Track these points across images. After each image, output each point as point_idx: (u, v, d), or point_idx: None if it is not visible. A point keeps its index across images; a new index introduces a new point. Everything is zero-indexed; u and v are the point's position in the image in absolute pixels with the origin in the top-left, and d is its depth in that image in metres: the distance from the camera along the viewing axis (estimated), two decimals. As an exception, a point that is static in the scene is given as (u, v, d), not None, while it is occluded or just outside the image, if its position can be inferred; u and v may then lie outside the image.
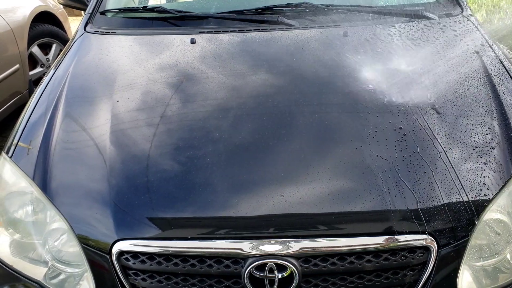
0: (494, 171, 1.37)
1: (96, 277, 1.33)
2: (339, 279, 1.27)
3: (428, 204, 1.29)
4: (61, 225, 1.36)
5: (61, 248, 1.38)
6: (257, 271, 1.25)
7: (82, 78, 1.83)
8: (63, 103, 1.70)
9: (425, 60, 1.79)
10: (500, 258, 1.34)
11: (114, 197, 1.35)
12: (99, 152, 1.48)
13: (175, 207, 1.32)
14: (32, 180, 1.43)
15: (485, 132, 1.48)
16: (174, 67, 1.82)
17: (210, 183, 1.35)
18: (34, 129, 1.62)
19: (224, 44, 1.93)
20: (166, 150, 1.46)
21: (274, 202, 1.29)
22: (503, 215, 1.34)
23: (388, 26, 1.99)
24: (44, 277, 1.39)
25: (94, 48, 2.02)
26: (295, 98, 1.62)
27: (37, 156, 1.49)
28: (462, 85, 1.67)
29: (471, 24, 2.04)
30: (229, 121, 1.54)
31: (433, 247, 1.27)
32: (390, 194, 1.29)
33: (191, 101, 1.65)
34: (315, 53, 1.84)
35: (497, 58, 1.82)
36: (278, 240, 1.26)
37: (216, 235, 1.28)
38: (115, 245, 1.29)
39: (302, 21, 2.03)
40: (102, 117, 1.61)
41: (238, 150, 1.44)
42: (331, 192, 1.30)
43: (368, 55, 1.81)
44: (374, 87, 1.65)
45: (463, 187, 1.33)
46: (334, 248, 1.25)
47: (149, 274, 1.30)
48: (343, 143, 1.44)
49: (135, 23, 2.17)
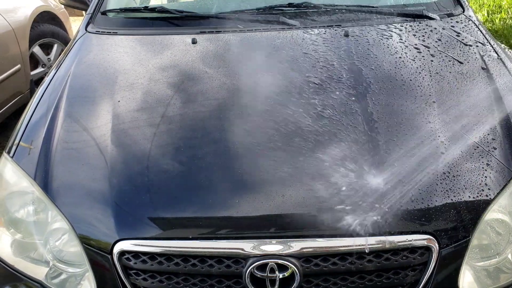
0: (496, 171, 1.37)
1: (97, 277, 1.33)
2: (340, 279, 1.27)
3: (429, 204, 1.29)
4: (63, 225, 1.36)
5: (62, 248, 1.38)
6: (258, 271, 1.25)
7: (83, 78, 1.83)
8: (64, 103, 1.70)
9: (427, 59, 1.79)
10: (501, 258, 1.34)
11: (115, 197, 1.35)
12: (100, 152, 1.48)
13: (176, 207, 1.32)
14: (33, 180, 1.43)
15: (487, 132, 1.48)
16: (175, 67, 1.82)
17: (211, 183, 1.35)
18: (35, 129, 1.62)
19: (225, 44, 1.93)
20: (167, 150, 1.46)
21: (275, 202, 1.29)
22: (504, 215, 1.34)
23: (389, 26, 1.98)
24: (45, 277, 1.39)
25: (95, 48, 2.02)
26: (296, 98, 1.62)
27: (39, 156, 1.50)
28: (463, 85, 1.67)
29: (472, 23, 2.04)
30: (230, 121, 1.54)
31: (434, 247, 1.27)
32: (391, 194, 1.29)
33: (192, 101, 1.65)
34: (316, 53, 1.83)
35: (498, 58, 1.82)
36: (279, 240, 1.26)
37: (217, 235, 1.28)
38: (116, 245, 1.29)
39: (303, 21, 2.02)
40: (103, 117, 1.61)
41: (239, 150, 1.44)
42: (332, 192, 1.30)
43: (368, 55, 1.81)
44: (375, 86, 1.65)
45: (465, 187, 1.33)
46: (335, 248, 1.25)
47: (150, 274, 1.30)
48: (344, 142, 1.44)
49: (136, 23, 2.17)
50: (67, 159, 1.48)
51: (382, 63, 1.77)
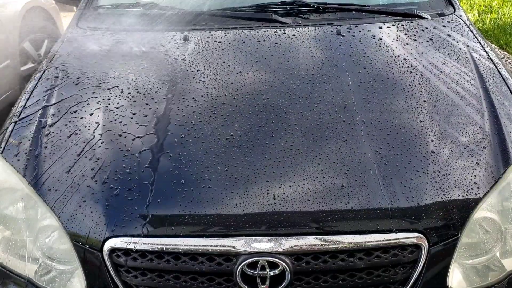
0: (485, 170, 1.38)
1: (87, 274, 1.32)
2: (331, 277, 1.28)
3: (419, 203, 1.30)
4: (52, 222, 1.35)
5: (51, 245, 1.37)
6: (249, 269, 1.25)
7: (74, 74, 1.82)
8: (54, 99, 1.69)
9: (417, 58, 1.80)
10: (490, 256, 1.35)
11: (106, 194, 1.34)
12: (91, 148, 1.47)
13: (167, 204, 1.32)
14: (22, 177, 1.42)
15: (476, 131, 1.49)
16: (167, 63, 1.82)
17: (202, 180, 1.34)
18: (24, 125, 1.60)
19: (217, 41, 1.93)
20: (158, 147, 1.46)
21: (266, 200, 1.29)
22: (493, 213, 1.35)
23: (381, 24, 1.99)
24: (35, 274, 1.38)
25: (86, 44, 2.00)
26: (288, 96, 1.62)
27: (28, 152, 1.49)
28: (453, 84, 1.68)
29: (463, 23, 2.05)
30: (221, 118, 1.54)
31: (424, 245, 1.28)
32: (382, 193, 1.30)
33: (183, 97, 1.64)
34: (308, 51, 1.84)
35: (488, 57, 1.84)
36: (270, 238, 1.26)
37: (208, 233, 1.28)
38: (107, 242, 1.28)
39: (295, 19, 2.03)
40: (93, 113, 1.60)
41: (230, 147, 1.44)
42: (323, 190, 1.31)
43: (360, 53, 1.82)
44: (367, 85, 1.66)
45: (454, 185, 1.34)
46: (326, 246, 1.26)
47: (140, 272, 1.30)
48: (335, 141, 1.44)
49: (128, 19, 2.15)
50: (57, 156, 1.47)
51: (373, 61, 1.78)
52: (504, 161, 1.41)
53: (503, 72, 1.76)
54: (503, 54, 4.80)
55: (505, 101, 1.62)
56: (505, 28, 5.23)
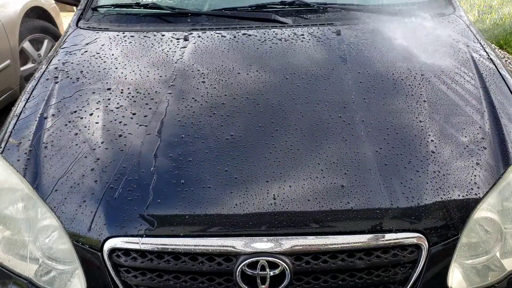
0: (485, 170, 1.38)
1: (87, 274, 1.32)
2: (331, 277, 1.28)
3: (419, 203, 1.30)
4: (52, 222, 1.35)
5: (52, 245, 1.37)
6: (249, 269, 1.25)
7: (74, 74, 1.82)
8: (54, 99, 1.69)
9: (417, 58, 1.80)
10: (490, 256, 1.35)
11: (106, 194, 1.34)
12: (91, 148, 1.47)
13: (167, 204, 1.32)
14: (23, 177, 1.42)
15: (476, 131, 1.49)
16: (167, 63, 1.82)
17: (202, 180, 1.34)
18: (25, 125, 1.60)
19: (217, 41, 1.93)
20: (157, 147, 1.46)
21: (266, 200, 1.29)
22: (493, 213, 1.35)
23: (381, 24, 1.99)
24: (35, 274, 1.38)
25: (86, 44, 2.00)
26: (288, 96, 1.62)
27: (28, 152, 1.49)
28: (453, 84, 1.68)
29: (463, 23, 2.06)
30: (221, 118, 1.54)
31: (424, 245, 1.28)
32: (382, 193, 1.30)
33: (183, 97, 1.64)
34: (308, 51, 1.84)
35: (488, 57, 1.84)
36: (270, 238, 1.26)
37: (208, 233, 1.28)
38: (107, 242, 1.28)
39: (295, 19, 2.03)
40: (93, 113, 1.60)
41: (230, 147, 1.43)
42: (323, 190, 1.31)
43: (360, 53, 1.82)
44: (366, 85, 1.66)
45: (454, 185, 1.34)
46: (326, 246, 1.26)
47: (140, 271, 1.30)
48: (335, 141, 1.44)
49: (127, 19, 2.16)
50: (57, 156, 1.47)
51: (373, 61, 1.78)
52: (504, 161, 1.41)
53: (503, 72, 1.76)
54: (503, 54, 4.80)
55: (505, 101, 1.62)
56: (505, 28, 5.23)
